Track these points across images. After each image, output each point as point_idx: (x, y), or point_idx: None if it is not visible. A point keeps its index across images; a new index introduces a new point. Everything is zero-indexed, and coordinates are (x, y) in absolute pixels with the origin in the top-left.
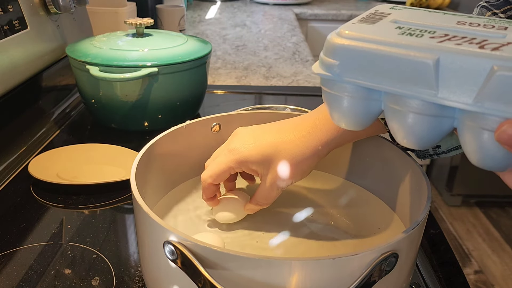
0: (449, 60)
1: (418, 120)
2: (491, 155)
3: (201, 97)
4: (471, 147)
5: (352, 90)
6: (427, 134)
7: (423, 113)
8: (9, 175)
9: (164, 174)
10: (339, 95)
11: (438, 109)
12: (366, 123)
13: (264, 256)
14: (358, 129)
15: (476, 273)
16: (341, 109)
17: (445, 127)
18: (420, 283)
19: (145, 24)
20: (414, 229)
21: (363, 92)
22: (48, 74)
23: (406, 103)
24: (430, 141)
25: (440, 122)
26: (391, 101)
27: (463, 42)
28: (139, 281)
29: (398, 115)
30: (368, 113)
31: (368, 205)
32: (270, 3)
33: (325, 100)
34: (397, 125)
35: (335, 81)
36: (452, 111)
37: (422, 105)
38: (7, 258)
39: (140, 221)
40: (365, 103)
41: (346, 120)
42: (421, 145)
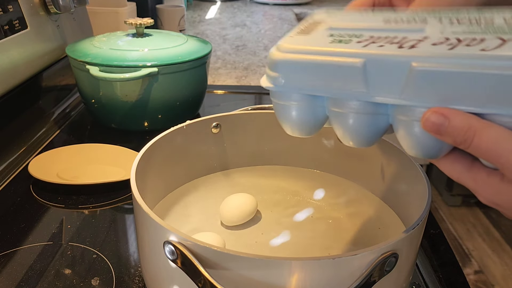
0: (374, 62)
1: (357, 119)
2: (423, 144)
3: (201, 97)
4: (404, 139)
5: (297, 98)
6: (367, 132)
7: (360, 112)
8: (9, 175)
9: (164, 174)
10: (286, 104)
11: (373, 107)
12: (315, 129)
13: (264, 256)
14: (308, 135)
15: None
16: (291, 118)
17: (382, 124)
18: (420, 283)
19: (145, 24)
20: (414, 229)
21: (308, 100)
22: (48, 74)
23: (344, 105)
24: (371, 139)
25: (376, 119)
26: (332, 105)
27: (386, 43)
28: (139, 281)
29: (340, 117)
30: (315, 120)
31: (368, 205)
32: (270, 3)
33: (276, 111)
34: (340, 127)
35: (280, 92)
36: (385, 108)
37: (359, 105)
38: (7, 258)
39: (140, 221)
40: (311, 110)
41: (296, 128)
42: (364, 143)
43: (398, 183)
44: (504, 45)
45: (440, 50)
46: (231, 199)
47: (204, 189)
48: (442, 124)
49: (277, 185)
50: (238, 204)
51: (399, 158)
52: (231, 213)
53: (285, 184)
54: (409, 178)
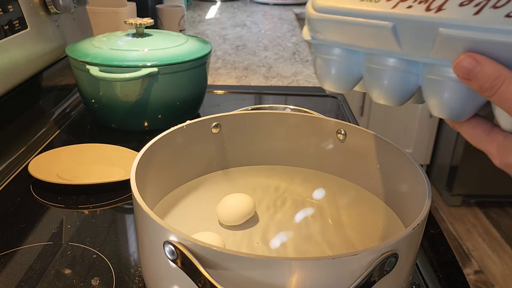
0: (402, 24)
1: (390, 75)
2: (449, 104)
3: (201, 97)
4: (431, 98)
5: (337, 52)
6: (399, 90)
7: (393, 69)
8: (9, 175)
9: (164, 174)
10: (326, 57)
11: (405, 64)
12: (350, 85)
13: (264, 256)
14: (343, 92)
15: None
16: (329, 72)
17: (412, 83)
18: (420, 283)
19: (145, 24)
20: (414, 229)
21: (347, 54)
22: (48, 74)
23: (379, 61)
24: (402, 97)
25: (407, 77)
26: (367, 61)
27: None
28: (139, 281)
29: (374, 73)
30: (352, 75)
31: (368, 205)
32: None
33: (315, 65)
34: (374, 83)
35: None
36: (417, 67)
37: (393, 62)
38: (7, 258)
39: (140, 221)
40: (349, 65)
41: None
42: (394, 101)
43: (398, 183)
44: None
45: (466, 14)
46: (228, 199)
47: (204, 189)
48: (473, 69)
49: (277, 185)
50: (235, 204)
51: (399, 158)
52: (227, 213)
53: (285, 184)
54: (409, 178)
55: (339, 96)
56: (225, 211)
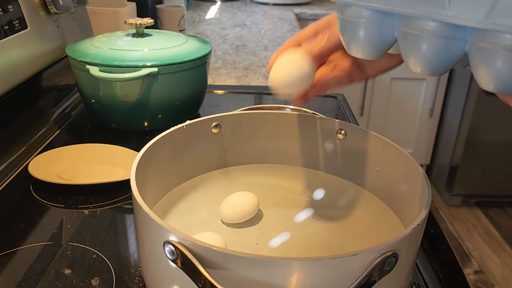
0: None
1: (431, 42)
2: (503, 76)
3: (201, 97)
4: (482, 69)
5: (367, 14)
6: (439, 58)
7: (435, 34)
8: (9, 175)
9: (164, 174)
10: (354, 20)
11: (451, 30)
12: (381, 51)
13: (264, 256)
14: (373, 58)
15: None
16: (357, 37)
17: (457, 50)
18: (420, 283)
19: (145, 24)
20: (414, 229)
21: (378, 17)
22: (48, 74)
23: (418, 25)
24: (443, 67)
25: (452, 44)
26: (403, 25)
27: None
28: (139, 281)
29: (411, 39)
30: (383, 40)
31: (368, 205)
32: (270, 3)
33: (340, 28)
34: (410, 51)
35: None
36: (464, 33)
37: (435, 26)
38: (7, 258)
39: (140, 221)
40: (380, 29)
41: (361, 49)
42: (433, 71)
43: (398, 183)
44: None
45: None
46: (233, 197)
47: (204, 188)
48: None
49: (277, 185)
50: (240, 202)
51: (399, 158)
52: (231, 211)
53: (285, 184)
54: (409, 178)
55: (339, 96)
56: (228, 209)
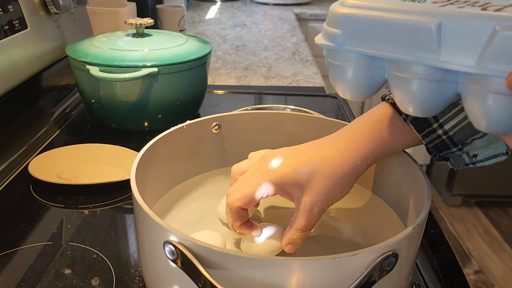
0: (451, 23)
1: (422, 86)
2: (495, 118)
3: (201, 97)
4: (476, 111)
5: (355, 59)
6: (431, 100)
7: (426, 78)
8: (9, 175)
9: (164, 174)
10: (343, 65)
11: (441, 73)
12: (370, 92)
13: (264, 256)
14: (363, 99)
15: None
16: (346, 79)
17: (449, 92)
18: (420, 283)
19: (145, 24)
20: (414, 229)
21: (367, 61)
22: (48, 74)
23: (409, 69)
24: (435, 108)
25: (443, 87)
26: (394, 68)
27: (466, 5)
28: (139, 281)
29: (402, 83)
30: (372, 82)
31: (368, 205)
32: (270, 3)
33: (329, 72)
34: (401, 93)
35: (338, 51)
36: (455, 76)
37: (425, 70)
38: (7, 258)
39: (140, 221)
40: (369, 72)
41: (351, 90)
42: (425, 112)
43: (398, 183)
44: None
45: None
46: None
47: (204, 188)
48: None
49: None
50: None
51: (399, 158)
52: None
53: None
54: (409, 178)
55: (339, 96)
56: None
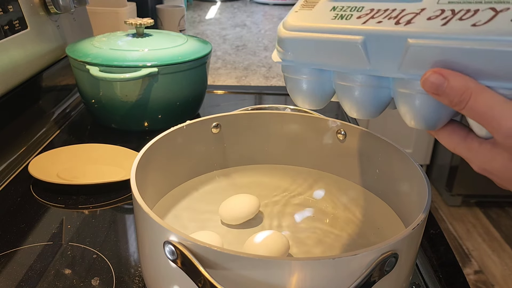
0: (372, 39)
1: (361, 92)
2: (422, 115)
3: (201, 97)
4: (405, 111)
5: (306, 72)
6: (371, 104)
7: (363, 85)
8: (9, 175)
9: (164, 174)
10: (296, 78)
11: (375, 80)
12: (324, 101)
13: (264, 256)
14: (318, 107)
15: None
16: (301, 91)
17: (384, 96)
18: (420, 283)
19: (145, 24)
20: (414, 229)
21: (316, 74)
22: (48, 74)
23: (348, 78)
24: (374, 111)
25: (379, 92)
26: (338, 78)
27: (384, 18)
28: (139, 281)
29: (345, 90)
30: (323, 92)
31: (368, 205)
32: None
33: (287, 85)
34: (346, 99)
35: (292, 67)
36: (387, 82)
37: (362, 78)
38: (7, 258)
39: (140, 221)
40: (319, 83)
41: (306, 101)
42: (367, 115)
43: (398, 183)
44: (495, 17)
45: (434, 26)
46: (233, 199)
47: (204, 188)
48: (441, 84)
49: (277, 185)
50: (240, 205)
51: (399, 158)
52: (231, 213)
53: (285, 184)
54: (409, 178)
55: None
56: (227, 211)
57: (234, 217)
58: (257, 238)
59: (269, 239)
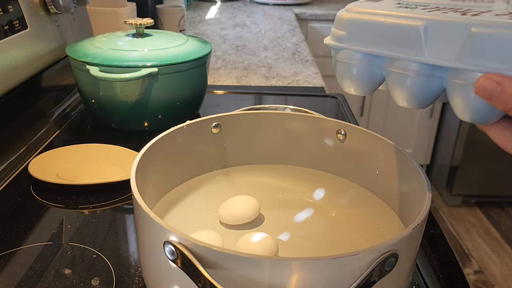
0: (435, 25)
1: (413, 80)
2: (475, 108)
3: (201, 97)
4: (457, 102)
5: (358, 57)
6: (421, 93)
7: (416, 73)
8: (9, 175)
9: (164, 174)
10: (348, 62)
11: (429, 69)
12: (371, 88)
13: (264, 256)
14: (364, 94)
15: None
16: (351, 76)
17: (436, 86)
18: (420, 283)
19: (145, 24)
20: (414, 229)
21: (368, 59)
22: (48, 74)
23: (401, 65)
24: (425, 101)
25: (431, 81)
26: (390, 65)
27: (449, 11)
28: (139, 281)
29: (396, 78)
30: (372, 79)
31: (368, 205)
32: (270, 3)
33: (336, 69)
34: (396, 87)
35: (344, 50)
36: (440, 71)
37: (415, 66)
38: (7, 258)
39: (140, 221)
40: (370, 69)
41: (354, 86)
42: (417, 105)
43: (398, 183)
44: None
45: (501, 19)
46: (233, 201)
47: (204, 188)
48: (494, 90)
49: (277, 185)
50: (240, 207)
51: (399, 158)
52: (230, 215)
53: (285, 184)
54: (409, 178)
55: (339, 96)
56: (227, 212)
57: (233, 219)
58: (245, 240)
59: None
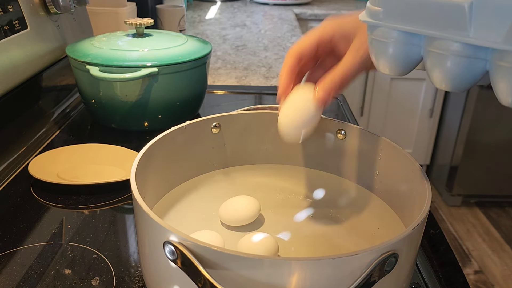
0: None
1: (454, 61)
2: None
3: (201, 97)
4: (502, 86)
5: (395, 35)
6: (462, 76)
7: (458, 54)
8: (9, 175)
9: (164, 174)
10: (384, 41)
11: (472, 50)
12: (408, 68)
13: (264, 256)
14: (401, 74)
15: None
16: (385, 55)
17: (479, 69)
18: (420, 283)
19: (145, 24)
20: (414, 229)
21: (405, 37)
22: (48, 74)
23: (442, 45)
24: (465, 83)
25: (474, 63)
26: (429, 45)
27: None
28: (139, 281)
29: (436, 58)
30: (409, 59)
31: (368, 205)
32: (270, 3)
33: (371, 47)
34: (435, 68)
35: (379, 28)
36: (484, 53)
37: (458, 47)
38: (7, 258)
39: (140, 221)
40: (407, 48)
41: (389, 66)
42: (457, 87)
43: (398, 183)
44: None
45: None
46: (234, 201)
47: (204, 188)
48: None
49: (277, 185)
50: (240, 208)
51: (399, 158)
52: (230, 215)
53: (285, 184)
54: (409, 178)
55: (339, 96)
56: (227, 213)
57: (233, 220)
58: (246, 241)
59: (258, 242)
